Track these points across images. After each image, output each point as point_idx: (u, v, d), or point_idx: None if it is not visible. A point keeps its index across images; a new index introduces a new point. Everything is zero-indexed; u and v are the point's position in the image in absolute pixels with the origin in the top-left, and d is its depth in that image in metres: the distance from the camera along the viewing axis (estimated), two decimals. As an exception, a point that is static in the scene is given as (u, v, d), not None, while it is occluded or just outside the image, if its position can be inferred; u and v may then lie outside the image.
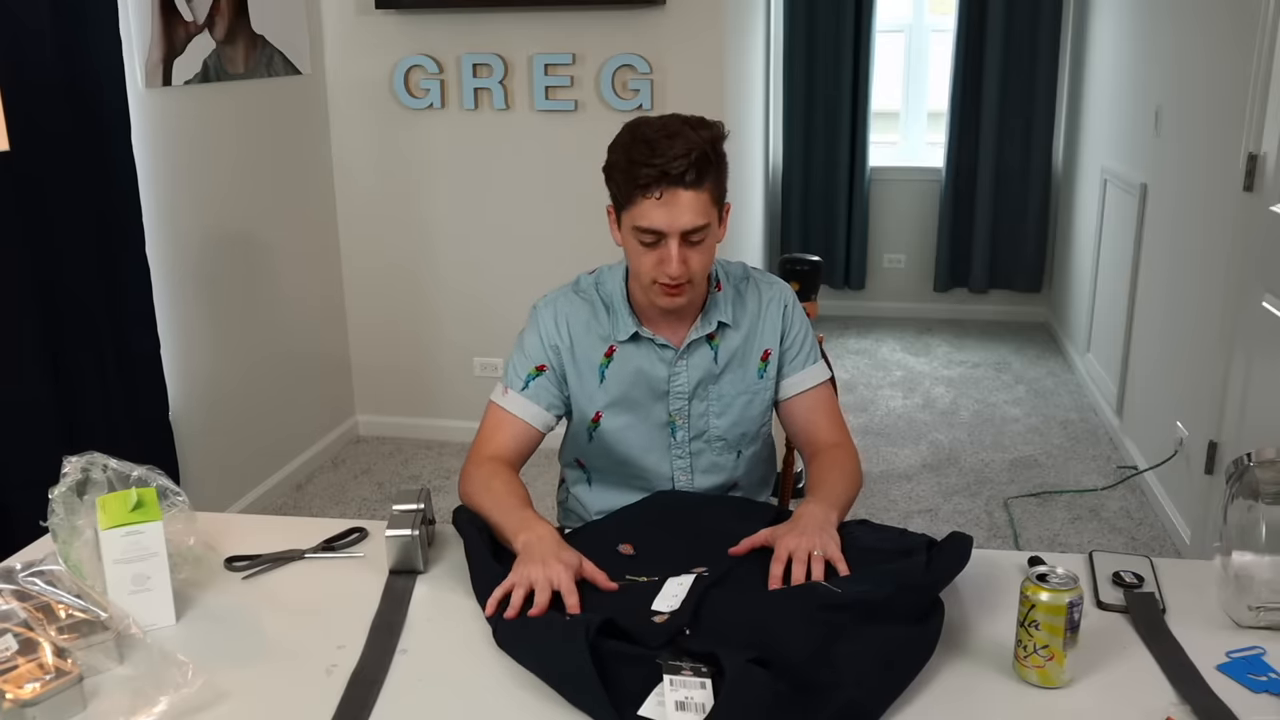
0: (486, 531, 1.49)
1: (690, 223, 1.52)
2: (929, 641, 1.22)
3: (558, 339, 1.69)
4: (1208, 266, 3.01)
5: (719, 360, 1.70)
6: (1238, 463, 1.36)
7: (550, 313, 1.70)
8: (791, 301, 1.74)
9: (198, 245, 3.12)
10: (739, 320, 1.70)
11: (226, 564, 1.50)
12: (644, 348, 1.68)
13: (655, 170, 1.49)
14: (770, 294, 1.74)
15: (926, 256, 5.69)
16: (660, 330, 1.68)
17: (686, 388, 1.69)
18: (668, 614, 1.28)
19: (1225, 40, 2.95)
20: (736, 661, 1.13)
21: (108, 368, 2.67)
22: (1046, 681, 1.18)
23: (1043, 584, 1.18)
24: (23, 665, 1.16)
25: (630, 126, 1.56)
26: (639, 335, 1.67)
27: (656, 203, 1.51)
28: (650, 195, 1.51)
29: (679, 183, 1.50)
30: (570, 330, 1.69)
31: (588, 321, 1.69)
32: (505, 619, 1.29)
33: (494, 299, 3.85)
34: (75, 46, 2.52)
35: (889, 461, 3.83)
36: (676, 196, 1.51)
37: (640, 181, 1.51)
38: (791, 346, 1.73)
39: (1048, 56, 5.21)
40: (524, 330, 1.72)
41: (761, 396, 1.73)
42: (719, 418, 1.72)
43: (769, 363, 1.72)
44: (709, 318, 1.68)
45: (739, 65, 4.14)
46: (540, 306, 1.72)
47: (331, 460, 3.88)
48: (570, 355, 1.69)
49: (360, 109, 3.78)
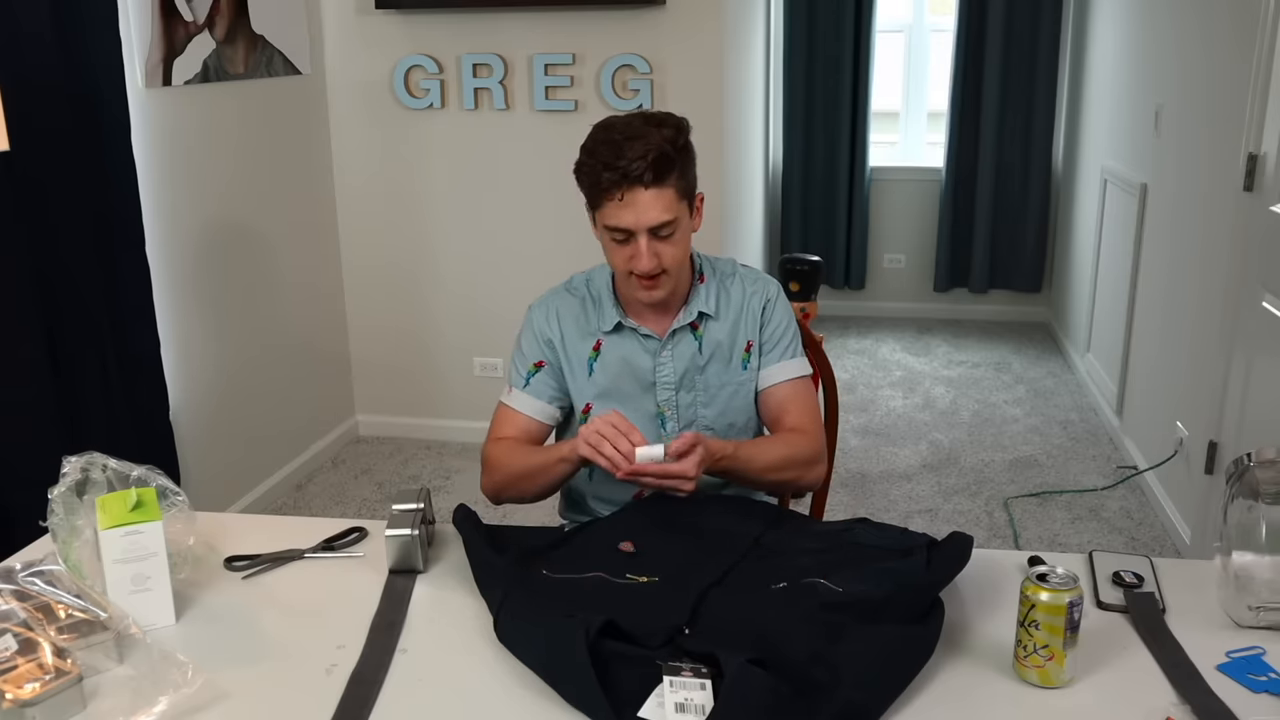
0: (485, 530, 1.49)
1: (656, 219, 1.59)
2: (929, 641, 1.22)
3: (550, 334, 1.75)
4: (1208, 266, 3.01)
5: (703, 351, 1.74)
6: (1238, 463, 1.36)
7: (542, 311, 1.77)
8: (775, 296, 1.78)
9: (198, 245, 3.12)
10: (722, 312, 1.74)
11: (226, 564, 1.50)
12: (628, 338, 1.73)
13: (616, 174, 1.57)
14: (754, 287, 1.77)
15: (926, 256, 5.69)
16: (645, 321, 1.73)
17: (673, 378, 1.73)
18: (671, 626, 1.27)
19: (1225, 40, 2.95)
20: (736, 662, 1.13)
21: (108, 367, 2.67)
22: (1046, 681, 1.18)
23: (1043, 584, 1.18)
24: (22, 665, 1.16)
25: (596, 128, 1.65)
26: (622, 325, 1.73)
27: (619, 204, 1.59)
28: (613, 198, 1.59)
29: (639, 183, 1.57)
30: (561, 326, 1.76)
31: (577, 317, 1.76)
32: (507, 616, 1.28)
33: (494, 299, 3.85)
34: (75, 46, 2.52)
35: (889, 461, 3.83)
36: (638, 196, 1.58)
37: (602, 185, 1.59)
38: (770, 339, 1.75)
39: (1048, 56, 5.21)
40: (520, 332, 1.79)
41: (746, 388, 1.76)
42: (706, 408, 1.75)
43: (752, 354, 1.76)
44: (691, 308, 1.72)
45: (739, 65, 4.14)
46: (534, 306, 1.79)
47: (331, 460, 3.88)
48: (563, 350, 1.75)
49: (360, 109, 3.78)
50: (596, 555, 1.42)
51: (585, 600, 1.32)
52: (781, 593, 1.33)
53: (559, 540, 1.51)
